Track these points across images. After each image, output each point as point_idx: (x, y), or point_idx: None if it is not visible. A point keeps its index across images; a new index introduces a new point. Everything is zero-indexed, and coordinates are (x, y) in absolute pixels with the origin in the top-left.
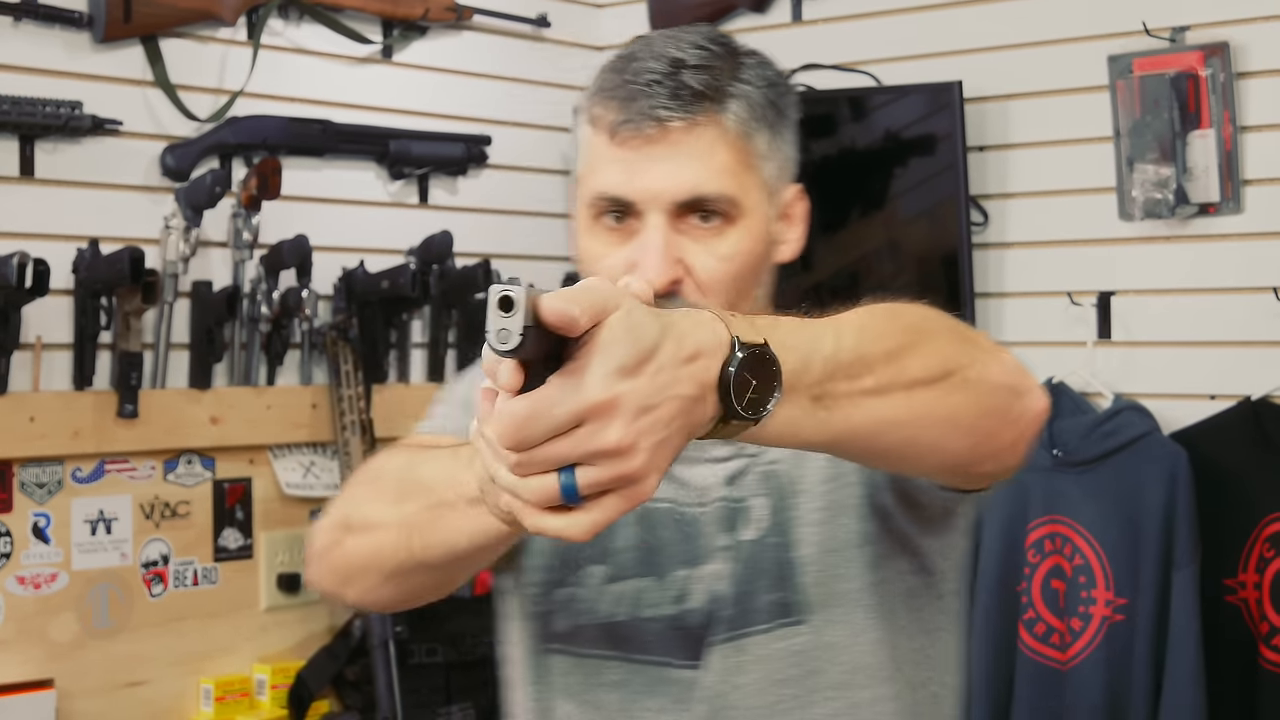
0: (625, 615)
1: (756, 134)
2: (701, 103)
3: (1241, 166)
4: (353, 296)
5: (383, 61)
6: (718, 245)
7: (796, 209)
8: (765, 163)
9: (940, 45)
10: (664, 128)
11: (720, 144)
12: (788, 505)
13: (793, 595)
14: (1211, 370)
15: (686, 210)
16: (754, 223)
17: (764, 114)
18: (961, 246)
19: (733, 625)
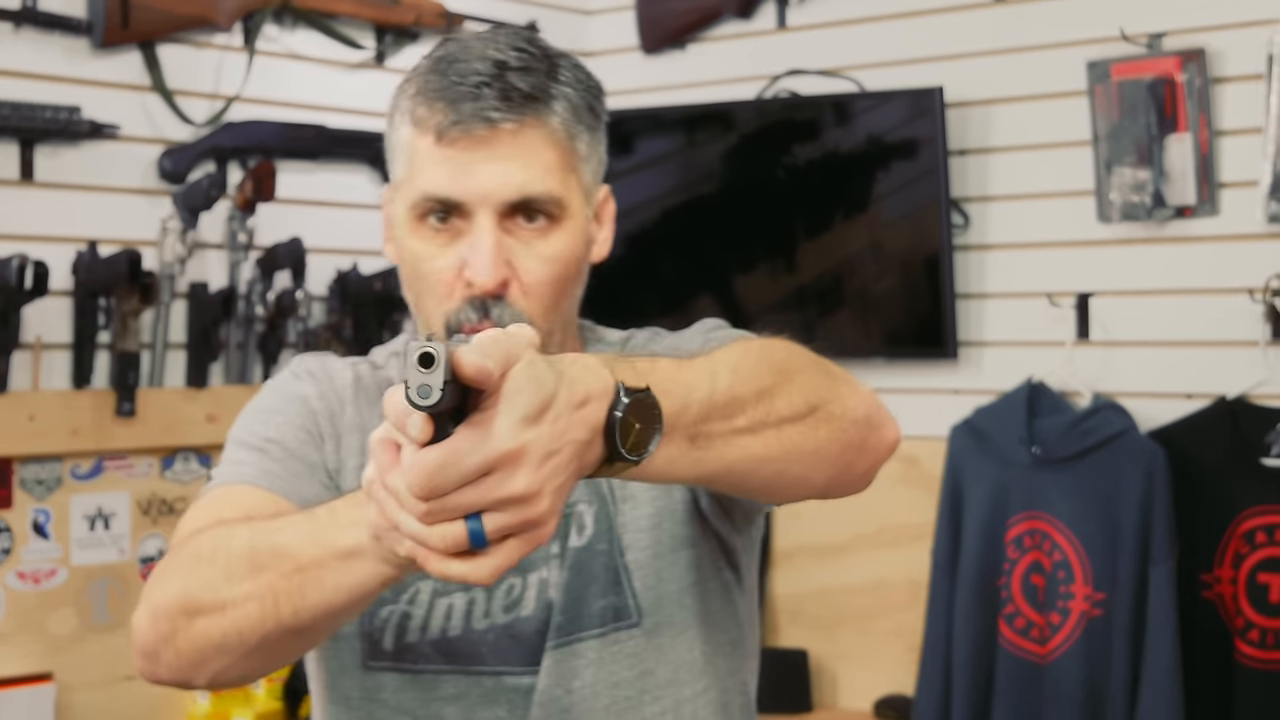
0: (457, 628)
1: (578, 136)
2: (530, 104)
3: (1217, 170)
4: (346, 297)
5: (375, 67)
6: (543, 247)
7: (606, 209)
8: (585, 164)
9: (922, 51)
10: (494, 129)
11: (546, 145)
12: (615, 511)
13: (624, 599)
14: (1188, 370)
15: (513, 211)
16: (576, 224)
17: (583, 116)
18: (943, 248)
19: (565, 631)
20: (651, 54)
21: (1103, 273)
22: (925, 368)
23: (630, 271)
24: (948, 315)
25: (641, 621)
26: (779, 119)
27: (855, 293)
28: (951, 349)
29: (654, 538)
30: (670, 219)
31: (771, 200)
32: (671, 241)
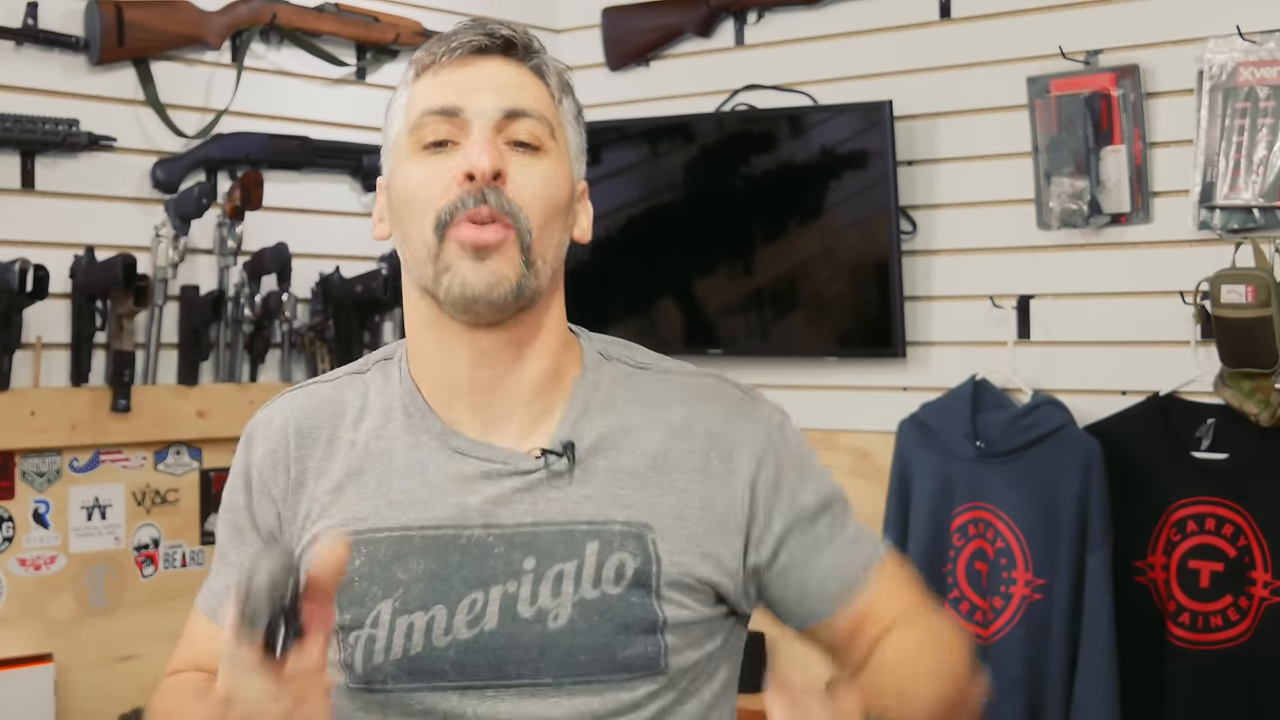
0: (418, 646)
1: (564, 105)
2: (522, 51)
3: (1151, 179)
4: (329, 300)
5: (357, 83)
6: (535, 163)
7: (586, 198)
8: (571, 129)
9: (872, 67)
10: (488, 56)
11: (537, 83)
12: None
13: (657, 651)
14: (1123, 368)
15: (508, 123)
16: (565, 166)
17: (568, 94)
18: (892, 254)
19: (585, 670)
20: (617, 70)
21: (1042, 276)
22: (875, 366)
23: (597, 275)
24: (896, 316)
25: (668, 672)
26: (737, 131)
27: (809, 295)
28: (900, 348)
29: (693, 599)
30: (634, 226)
31: (730, 208)
32: (636, 247)
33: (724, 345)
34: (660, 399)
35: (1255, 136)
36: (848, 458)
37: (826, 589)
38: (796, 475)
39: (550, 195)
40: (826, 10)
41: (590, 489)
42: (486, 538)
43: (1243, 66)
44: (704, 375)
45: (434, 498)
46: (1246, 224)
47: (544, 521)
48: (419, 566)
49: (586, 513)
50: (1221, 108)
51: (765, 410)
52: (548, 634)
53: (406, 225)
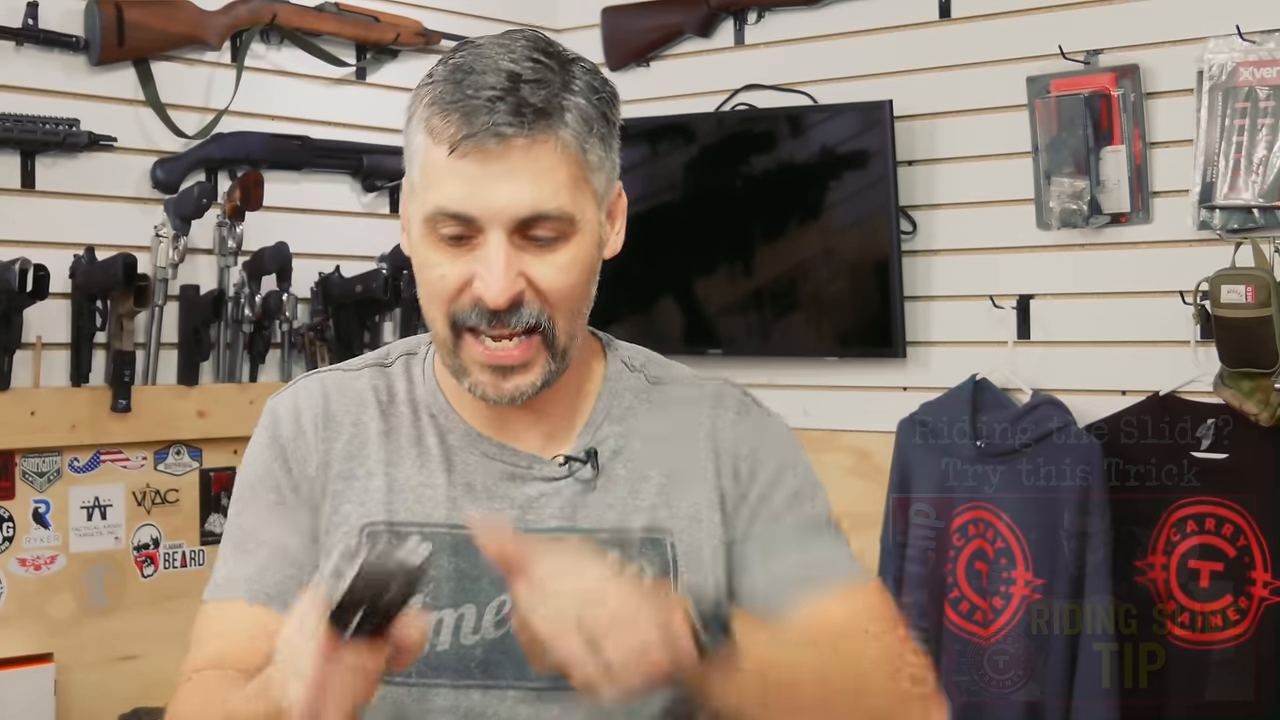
0: (446, 643)
1: (590, 148)
2: (541, 119)
3: (1150, 179)
4: (329, 300)
5: (357, 83)
6: (556, 257)
7: (619, 206)
8: (597, 174)
9: (872, 67)
10: (507, 145)
11: (559, 160)
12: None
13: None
14: (1123, 368)
15: (526, 226)
16: (588, 233)
17: (595, 126)
18: (892, 254)
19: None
20: (617, 70)
21: (1042, 276)
22: (875, 366)
23: None
24: (896, 316)
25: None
26: (737, 131)
27: (809, 295)
28: (900, 348)
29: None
30: (634, 226)
31: (730, 208)
32: (636, 246)
33: (724, 345)
34: (674, 406)
35: (1255, 136)
36: (848, 458)
37: (784, 585)
38: (775, 471)
39: (576, 280)
40: (826, 10)
41: (612, 496)
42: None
43: (1243, 66)
44: (713, 381)
45: (463, 498)
46: (1246, 224)
47: (569, 527)
48: (449, 565)
49: (609, 520)
50: (1221, 108)
51: (756, 412)
52: None
53: (422, 298)
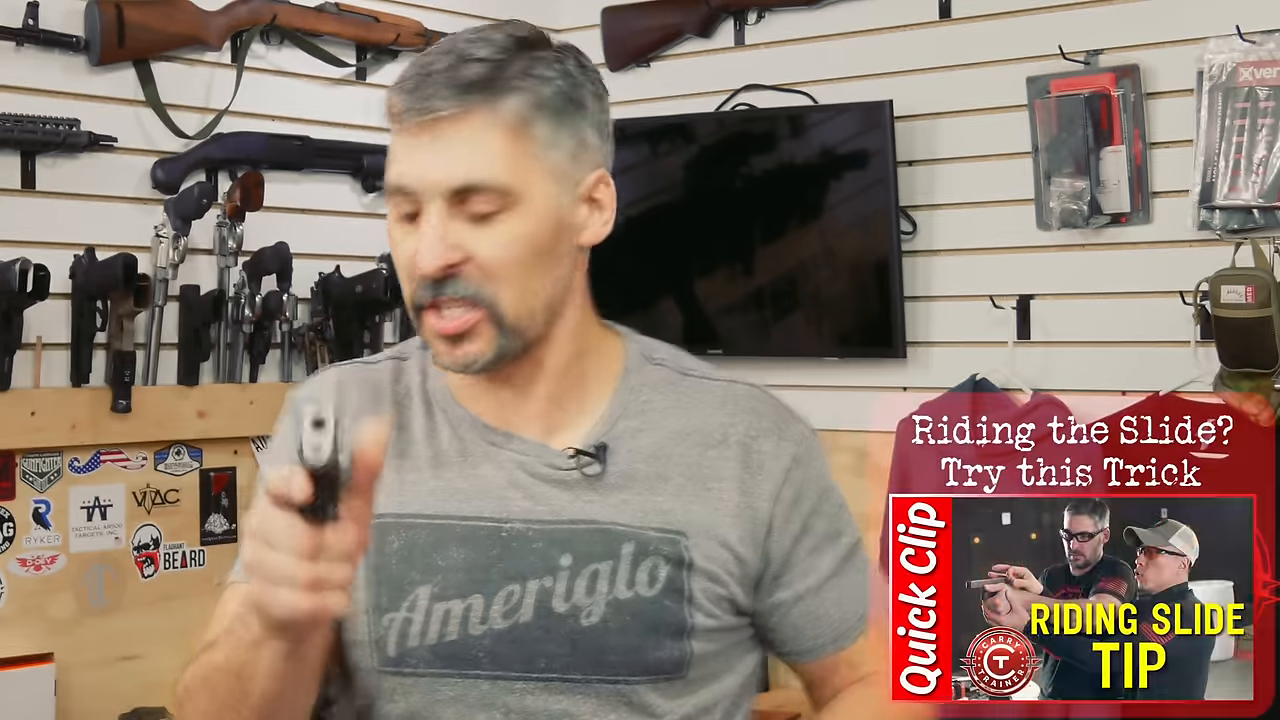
0: (454, 634)
1: (537, 122)
2: (474, 93)
3: (1150, 180)
4: (329, 300)
5: (357, 83)
6: (495, 230)
7: (601, 194)
8: (551, 151)
9: (872, 67)
10: (438, 118)
11: (494, 132)
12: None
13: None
14: (1123, 368)
15: (462, 197)
16: (537, 208)
17: (550, 103)
18: (892, 254)
19: (614, 670)
20: (617, 70)
21: (1042, 277)
22: (875, 366)
23: (597, 275)
24: (896, 316)
25: (689, 676)
26: (737, 131)
27: (809, 295)
28: (900, 348)
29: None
30: (635, 225)
31: (730, 208)
32: (636, 246)
33: (724, 345)
34: (700, 406)
35: (1255, 136)
36: (848, 458)
37: (819, 633)
38: (814, 498)
39: (520, 255)
40: (826, 10)
41: (628, 493)
42: (526, 532)
43: (1243, 66)
44: (744, 385)
45: (474, 489)
46: (1246, 224)
47: (582, 520)
48: (459, 555)
49: (624, 516)
50: (1221, 108)
51: (798, 428)
52: (580, 630)
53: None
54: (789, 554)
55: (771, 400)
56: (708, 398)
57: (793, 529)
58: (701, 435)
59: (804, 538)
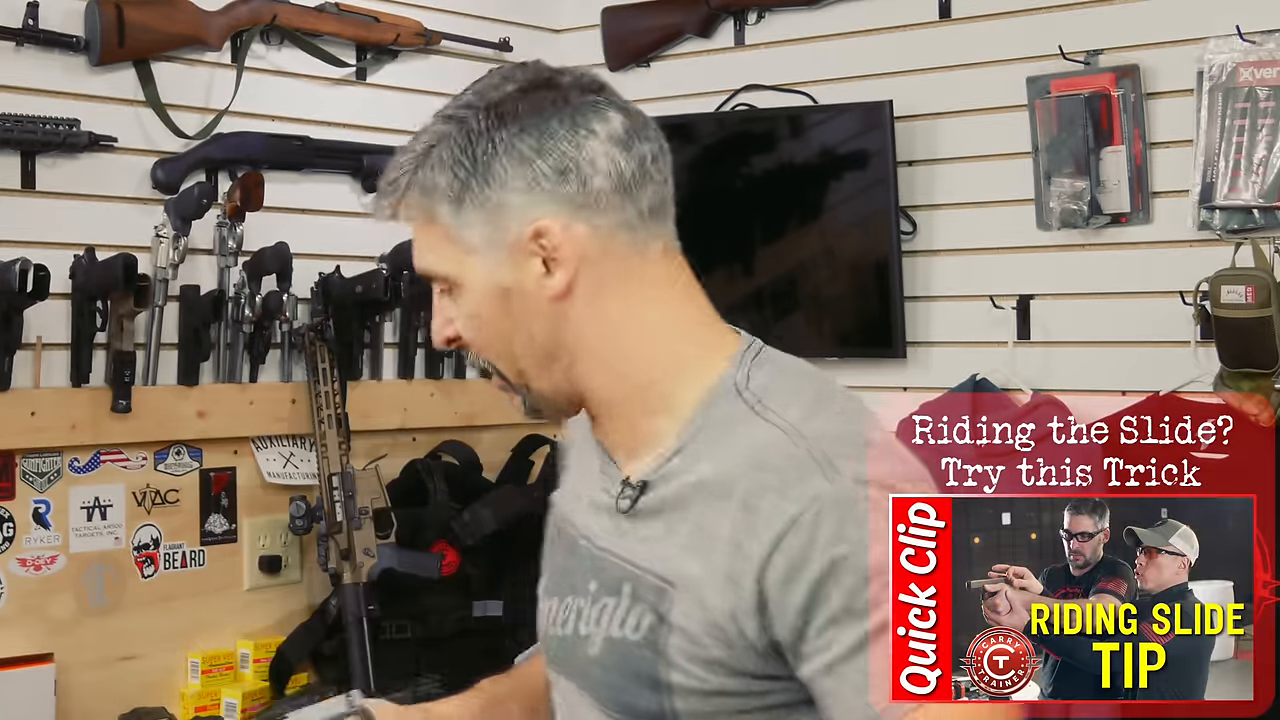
0: (543, 629)
1: (439, 211)
2: (391, 194)
3: (1151, 180)
4: (329, 300)
5: (357, 83)
6: (460, 308)
7: (551, 243)
8: (463, 230)
9: (872, 67)
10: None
11: (417, 226)
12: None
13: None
14: (1123, 368)
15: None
16: (476, 283)
17: (445, 193)
18: (892, 254)
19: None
20: (617, 71)
21: (1042, 277)
22: (875, 366)
23: None
24: (896, 317)
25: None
26: (737, 131)
27: (809, 295)
28: (900, 348)
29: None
30: None
31: (730, 208)
32: None
33: None
34: (735, 451)
35: (1255, 137)
36: None
37: (848, 710)
38: (823, 567)
39: (477, 329)
40: (826, 10)
41: (649, 531)
42: (585, 549)
43: (1243, 67)
44: (781, 432)
45: (582, 494)
46: (1246, 224)
47: (610, 551)
48: (559, 559)
49: (638, 555)
50: (1221, 108)
51: (813, 486)
52: (589, 658)
53: None
54: (799, 626)
55: (796, 453)
56: (742, 443)
57: (795, 601)
58: (717, 485)
59: (815, 609)
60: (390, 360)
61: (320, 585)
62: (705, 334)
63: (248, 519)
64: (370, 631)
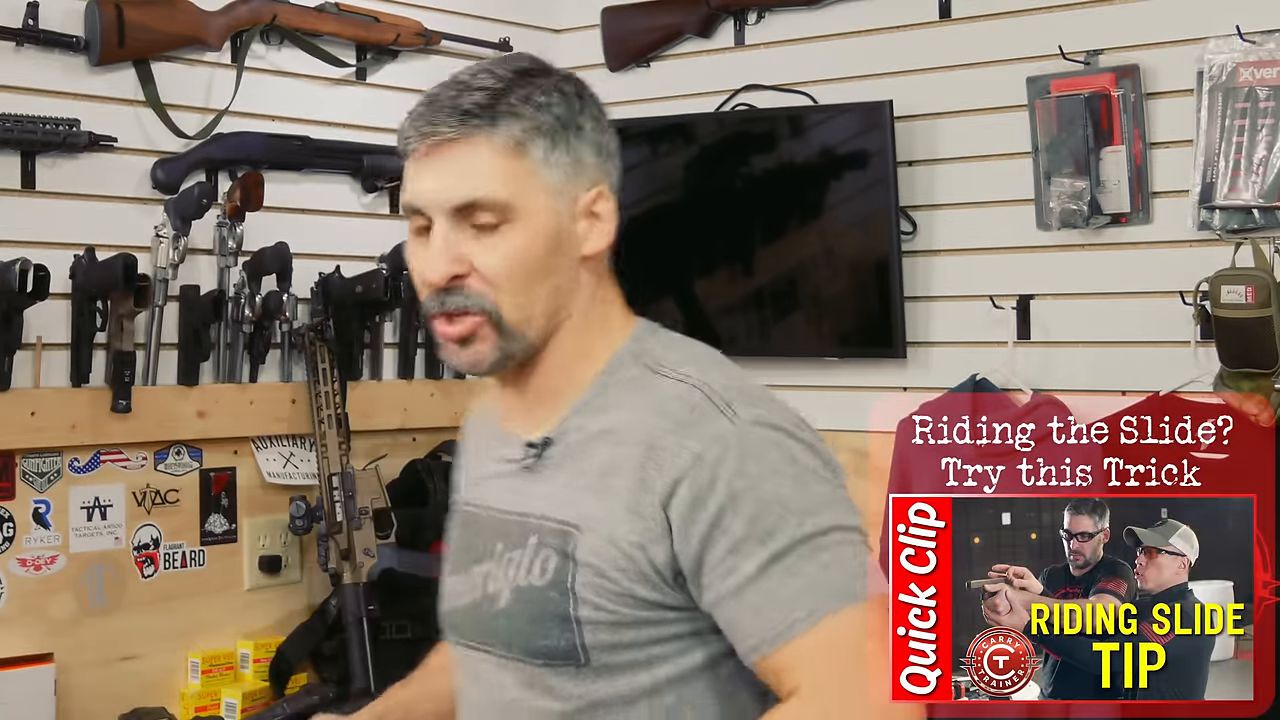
0: (447, 605)
1: (532, 144)
2: (472, 119)
3: (1151, 180)
4: (329, 300)
5: (357, 83)
6: (498, 243)
7: (601, 208)
8: (548, 170)
9: (872, 67)
10: (440, 141)
11: (493, 153)
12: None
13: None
14: (1123, 368)
15: (465, 213)
16: (535, 222)
17: (545, 127)
18: (892, 254)
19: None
20: (617, 71)
21: (1042, 277)
22: (875, 366)
23: None
24: (896, 317)
25: (591, 663)
26: (737, 131)
27: (809, 295)
28: (900, 349)
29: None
30: (635, 226)
31: (730, 208)
32: (636, 247)
33: (724, 345)
34: (637, 405)
35: (1255, 137)
36: (848, 458)
37: (742, 638)
38: (725, 497)
39: (519, 266)
40: (826, 10)
41: (551, 486)
42: (487, 520)
43: (1243, 67)
44: (685, 383)
45: (478, 479)
46: (1246, 224)
47: (513, 510)
48: (461, 539)
49: (539, 508)
50: (1221, 108)
51: (715, 426)
52: (495, 612)
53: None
54: (700, 555)
55: (699, 399)
56: (646, 397)
57: (699, 529)
58: (620, 433)
59: (717, 537)
60: (390, 360)
61: (320, 585)
62: (623, 312)
63: (248, 519)
64: (370, 631)
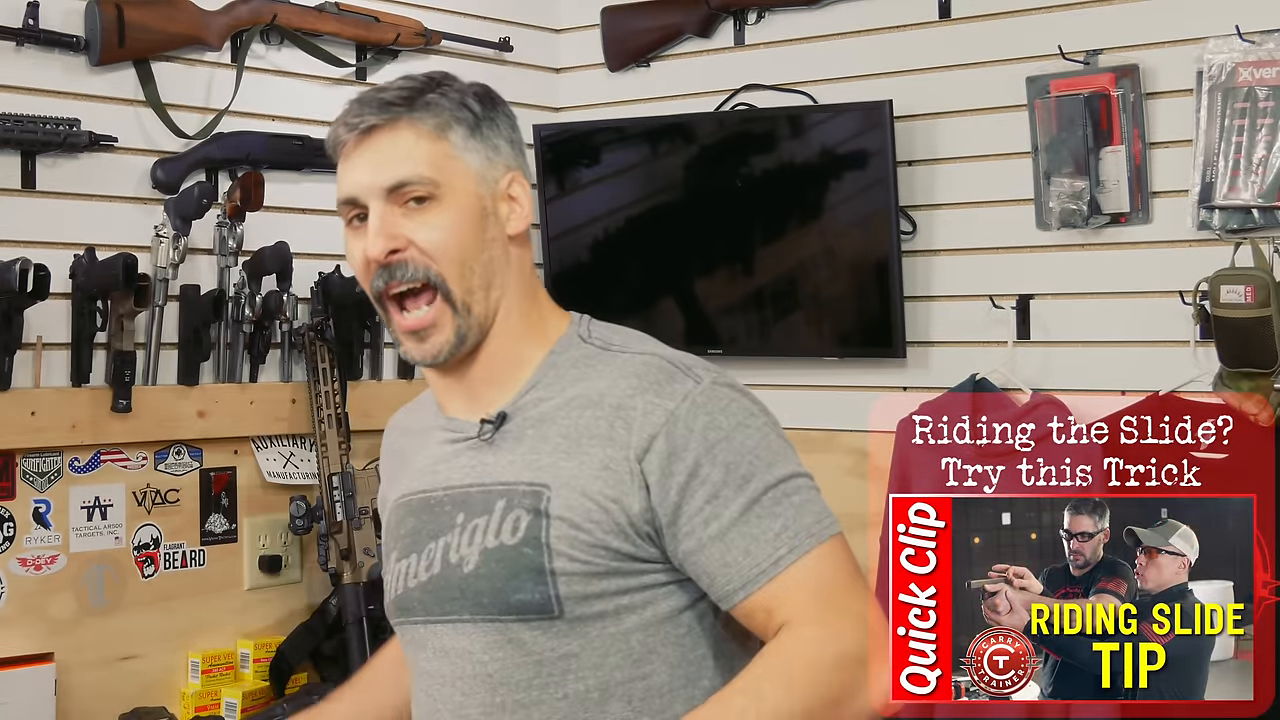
0: (400, 588)
1: (453, 133)
2: (395, 108)
3: (1150, 179)
4: (329, 299)
5: (357, 83)
6: (429, 219)
7: (517, 191)
8: (467, 154)
9: (872, 67)
10: (366, 128)
11: (416, 137)
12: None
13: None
14: (1123, 367)
15: (397, 194)
16: (461, 201)
17: (460, 116)
18: (892, 254)
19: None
20: (617, 70)
21: (1042, 276)
22: (875, 366)
23: (598, 275)
24: (896, 316)
25: (564, 615)
26: (737, 131)
27: (809, 295)
28: (900, 348)
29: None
30: (635, 226)
31: (730, 208)
32: (636, 247)
33: (724, 345)
34: (599, 376)
35: (1255, 136)
36: (848, 458)
37: (729, 579)
38: (702, 448)
39: (453, 239)
40: (826, 10)
41: (514, 455)
42: (443, 497)
43: (1242, 66)
44: (645, 354)
45: (426, 467)
46: (1246, 224)
47: (474, 483)
48: (410, 524)
49: (506, 475)
50: (1221, 108)
51: (683, 386)
52: (462, 577)
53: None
54: (678, 505)
55: (663, 364)
56: (608, 369)
57: (677, 480)
58: (586, 399)
59: (696, 487)
60: (390, 360)
61: (320, 585)
62: (553, 303)
63: (248, 519)
64: (370, 631)
